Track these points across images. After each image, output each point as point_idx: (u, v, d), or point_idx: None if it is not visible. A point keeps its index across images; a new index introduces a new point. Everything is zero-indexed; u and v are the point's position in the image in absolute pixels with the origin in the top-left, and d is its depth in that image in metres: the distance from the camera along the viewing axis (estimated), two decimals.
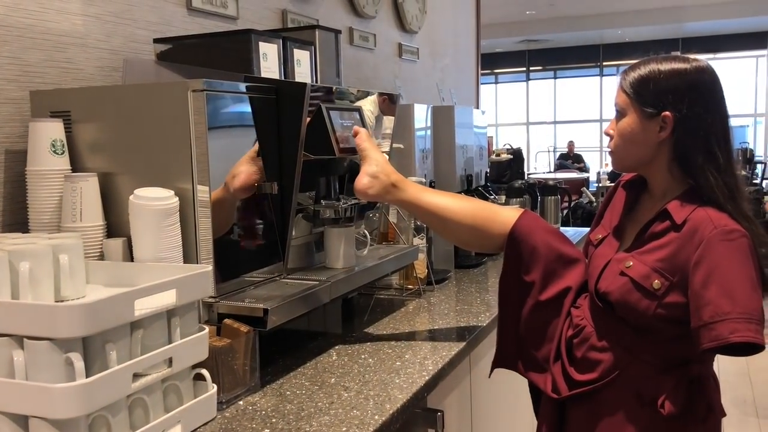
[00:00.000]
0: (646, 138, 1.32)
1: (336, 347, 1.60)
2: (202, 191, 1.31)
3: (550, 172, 12.34)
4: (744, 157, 10.18)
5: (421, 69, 3.62)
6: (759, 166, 10.86)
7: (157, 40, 1.76)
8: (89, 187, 1.34)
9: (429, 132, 2.46)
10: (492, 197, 2.81)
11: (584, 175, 11.62)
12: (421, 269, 2.10)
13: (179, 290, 1.12)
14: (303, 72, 1.78)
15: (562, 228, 3.29)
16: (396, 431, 1.25)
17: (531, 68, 16.31)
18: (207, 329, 1.20)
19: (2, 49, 1.46)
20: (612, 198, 1.51)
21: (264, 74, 1.61)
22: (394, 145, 2.04)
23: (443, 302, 2.02)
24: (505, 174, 3.45)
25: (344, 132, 1.62)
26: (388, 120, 1.95)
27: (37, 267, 1.11)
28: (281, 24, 2.41)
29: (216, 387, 1.22)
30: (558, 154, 14.25)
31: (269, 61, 1.64)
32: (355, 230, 1.75)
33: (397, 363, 1.48)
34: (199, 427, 1.18)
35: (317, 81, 1.84)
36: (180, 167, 1.32)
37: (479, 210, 1.52)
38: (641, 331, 1.30)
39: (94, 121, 1.40)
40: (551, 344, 1.42)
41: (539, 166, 14.96)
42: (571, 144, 13.55)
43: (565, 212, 5.87)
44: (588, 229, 1.60)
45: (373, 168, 1.53)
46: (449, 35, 4.04)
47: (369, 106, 1.84)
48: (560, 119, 16.23)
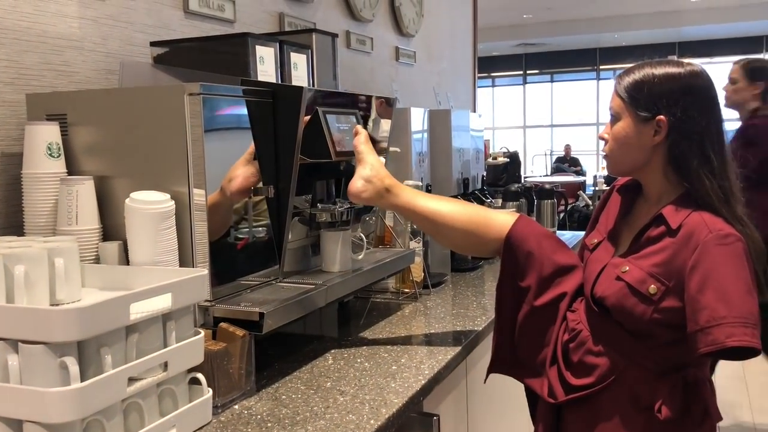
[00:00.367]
0: (641, 142, 1.32)
1: (332, 351, 1.59)
2: (198, 195, 1.31)
3: (547, 176, 12.36)
4: None
5: (418, 72, 3.63)
6: None
7: (154, 44, 1.76)
8: (85, 191, 1.33)
9: (426, 135, 2.46)
10: (488, 201, 2.81)
11: (581, 179, 11.63)
12: (418, 273, 2.10)
13: (175, 294, 1.12)
14: (300, 75, 1.78)
15: (559, 231, 3.29)
16: None
17: (528, 72, 16.35)
18: (202, 333, 1.20)
19: None
20: (607, 202, 1.51)
21: (261, 78, 1.61)
22: (391, 149, 2.04)
23: (439, 306, 2.01)
24: (502, 177, 3.45)
25: (341, 135, 1.62)
26: (385, 123, 1.95)
27: (33, 270, 1.11)
28: (278, 27, 2.41)
29: (211, 391, 1.21)
30: (555, 158, 14.28)
31: (266, 65, 1.64)
32: (352, 234, 1.74)
33: (393, 367, 1.48)
34: None
35: (314, 84, 1.84)
36: (176, 170, 1.32)
37: (473, 215, 1.52)
38: (637, 336, 1.30)
39: (91, 124, 1.40)
40: (547, 349, 1.42)
41: (536, 170, 14.98)
42: (568, 147, 13.58)
43: (562, 216, 5.87)
44: (584, 233, 1.60)
45: (368, 171, 1.53)
46: (446, 39, 4.05)
47: None
48: (557, 123, 16.27)
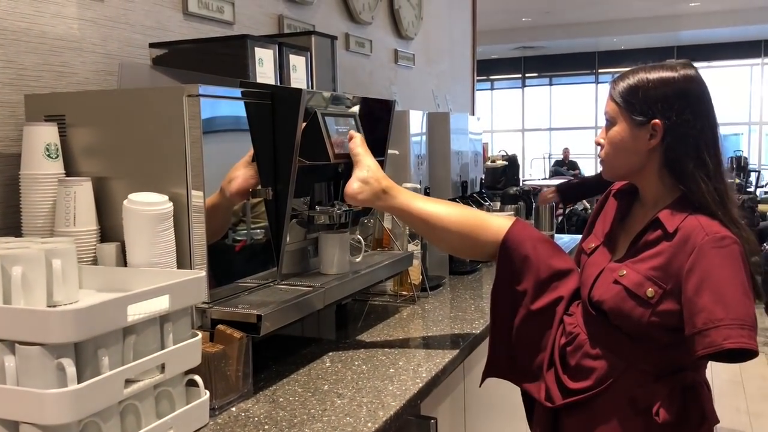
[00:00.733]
0: (637, 146, 1.32)
1: (329, 354, 1.59)
2: (197, 196, 1.31)
3: (546, 179, 12.36)
4: (738, 165, 10.23)
5: (417, 75, 3.63)
6: (753, 174, 10.90)
7: (153, 45, 1.76)
8: (83, 192, 1.33)
9: (424, 138, 2.46)
10: (487, 204, 2.81)
11: None
12: (416, 276, 2.10)
13: (172, 296, 1.12)
14: (299, 78, 1.78)
15: (557, 235, 3.29)
16: None
17: (527, 75, 16.36)
18: (200, 335, 1.20)
19: None
20: (603, 207, 1.51)
21: (260, 80, 1.61)
22: (390, 151, 2.04)
23: (437, 309, 2.01)
24: (500, 180, 3.45)
25: (339, 138, 1.62)
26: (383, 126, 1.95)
27: (30, 272, 1.11)
28: (277, 29, 2.41)
29: (208, 393, 1.21)
30: (553, 161, 14.28)
31: (265, 67, 1.64)
32: (350, 236, 1.74)
33: (391, 370, 1.48)
34: None
35: (313, 87, 1.84)
36: (174, 172, 1.32)
37: (470, 218, 1.52)
38: (635, 339, 1.30)
39: (89, 126, 1.40)
40: (544, 353, 1.42)
41: (534, 173, 14.98)
42: (567, 151, 13.58)
43: (560, 219, 5.87)
44: (581, 237, 1.60)
45: (365, 173, 1.53)
46: (445, 42, 4.05)
47: None
48: (555, 126, 16.27)
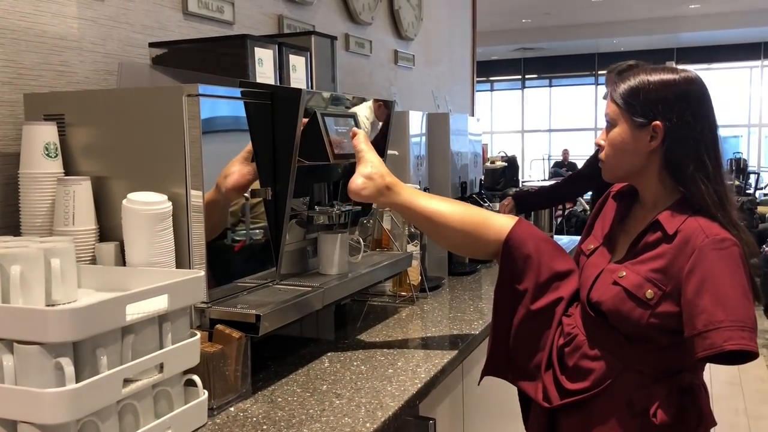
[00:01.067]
0: (637, 147, 1.32)
1: (328, 354, 1.59)
2: (196, 196, 1.31)
3: (545, 180, 12.36)
4: (738, 167, 10.24)
5: (417, 76, 3.63)
6: (752, 176, 10.92)
7: (153, 44, 1.76)
8: (82, 191, 1.33)
9: (424, 139, 2.46)
10: (486, 205, 2.81)
11: None
12: (415, 276, 2.09)
13: (171, 295, 1.12)
14: (298, 78, 1.78)
15: (556, 236, 3.29)
16: None
17: (526, 76, 16.37)
18: (199, 335, 1.20)
19: None
20: (602, 208, 1.51)
21: (259, 79, 1.61)
22: (389, 152, 2.04)
23: (436, 309, 2.01)
24: (500, 181, 3.46)
25: (339, 138, 1.62)
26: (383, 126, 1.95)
27: (29, 271, 1.10)
28: (277, 29, 2.41)
29: (207, 393, 1.21)
30: (552, 162, 14.28)
31: (265, 67, 1.64)
32: (349, 236, 1.74)
33: (390, 370, 1.48)
34: None
35: (313, 87, 1.84)
36: (173, 172, 1.31)
37: (473, 216, 1.52)
38: (633, 340, 1.31)
39: (88, 125, 1.40)
40: (543, 353, 1.42)
41: (534, 174, 14.98)
42: (566, 152, 13.59)
43: (559, 220, 5.88)
44: (579, 239, 1.60)
45: (368, 169, 1.53)
46: (445, 42, 4.05)
47: (364, 113, 1.84)
48: (555, 127, 16.28)
